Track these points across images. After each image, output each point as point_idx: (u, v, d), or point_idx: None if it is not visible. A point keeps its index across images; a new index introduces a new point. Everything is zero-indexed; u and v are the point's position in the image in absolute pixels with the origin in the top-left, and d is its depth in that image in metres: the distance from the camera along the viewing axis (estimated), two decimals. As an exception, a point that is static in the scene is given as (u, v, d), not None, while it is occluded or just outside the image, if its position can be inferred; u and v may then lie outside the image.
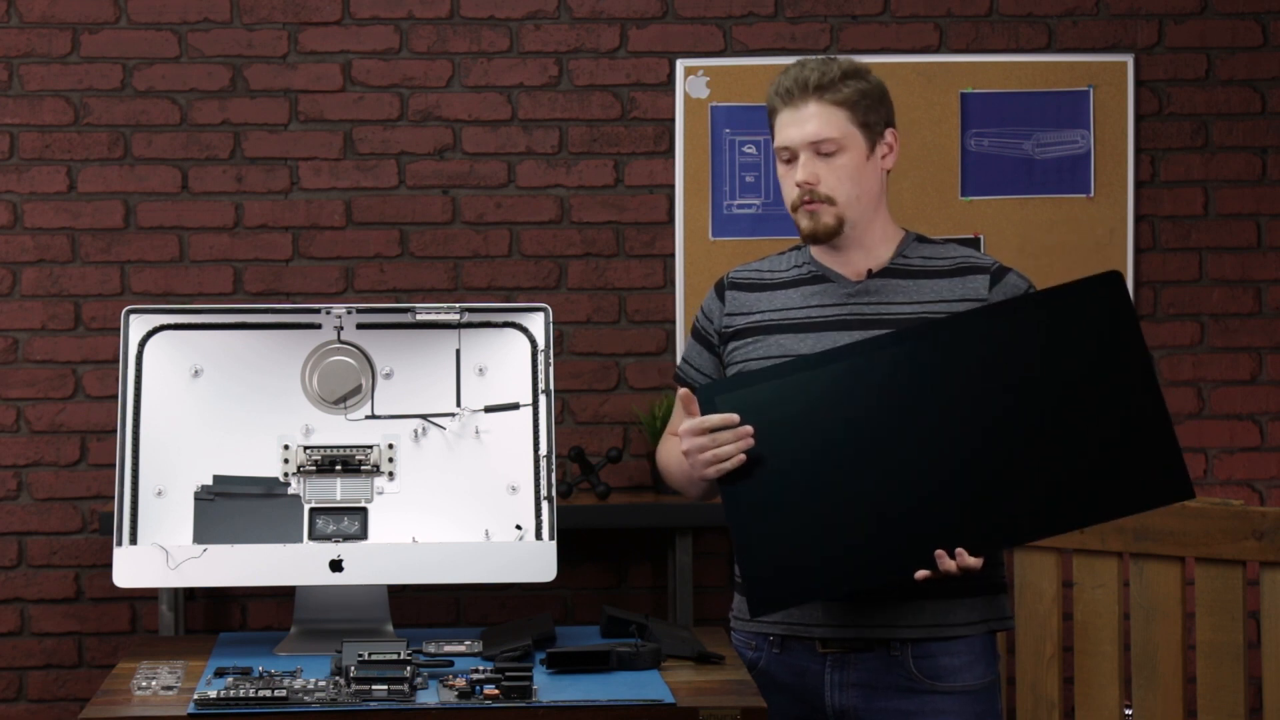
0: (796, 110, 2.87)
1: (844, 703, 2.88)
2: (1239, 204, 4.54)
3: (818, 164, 2.86)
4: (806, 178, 2.86)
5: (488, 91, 4.48)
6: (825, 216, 2.88)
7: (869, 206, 2.90)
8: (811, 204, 2.87)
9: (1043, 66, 4.50)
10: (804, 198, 2.87)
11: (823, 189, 2.86)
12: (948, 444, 2.70)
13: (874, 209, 2.91)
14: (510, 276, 4.48)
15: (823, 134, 2.85)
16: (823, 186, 2.86)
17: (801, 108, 2.86)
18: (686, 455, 2.79)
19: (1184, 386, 4.52)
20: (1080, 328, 2.71)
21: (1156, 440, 2.69)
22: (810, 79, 2.86)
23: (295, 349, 3.07)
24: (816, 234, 2.89)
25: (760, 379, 2.77)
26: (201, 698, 2.59)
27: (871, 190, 2.90)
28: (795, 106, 2.87)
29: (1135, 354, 2.71)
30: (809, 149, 2.86)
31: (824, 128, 2.85)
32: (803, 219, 2.89)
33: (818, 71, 2.86)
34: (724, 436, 2.74)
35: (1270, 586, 3.57)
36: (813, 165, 2.86)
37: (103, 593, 4.44)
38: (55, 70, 4.43)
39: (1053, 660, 3.83)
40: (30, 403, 4.44)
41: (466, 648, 2.87)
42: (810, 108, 2.86)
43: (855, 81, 2.87)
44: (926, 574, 2.69)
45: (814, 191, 2.86)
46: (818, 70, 2.86)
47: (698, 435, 2.76)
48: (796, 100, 2.86)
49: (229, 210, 4.45)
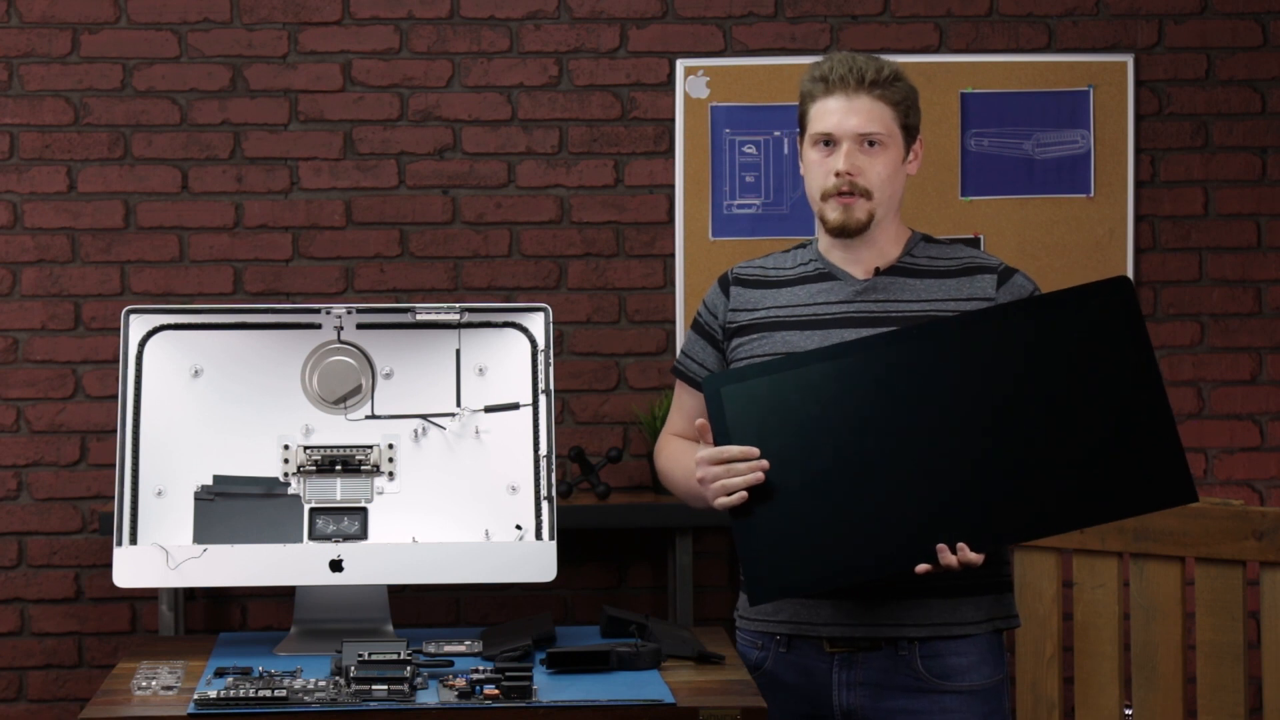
0: (849, 100, 2.86)
1: (851, 702, 2.88)
2: (1239, 204, 4.54)
3: (861, 156, 2.86)
4: (850, 168, 2.86)
5: (488, 91, 4.48)
6: (859, 211, 2.87)
7: (893, 207, 2.92)
8: (848, 196, 2.87)
9: (1043, 66, 4.50)
10: (842, 187, 2.87)
11: (862, 181, 2.86)
12: (952, 440, 2.70)
13: (895, 210, 2.93)
14: (510, 276, 4.48)
15: (874, 128, 2.86)
16: (862, 179, 2.86)
17: (854, 98, 2.86)
18: (701, 483, 2.78)
19: (1184, 386, 4.52)
20: (1088, 331, 2.72)
21: (1161, 443, 2.70)
22: (867, 72, 2.86)
23: (295, 349, 3.07)
24: (847, 226, 2.88)
25: (764, 371, 2.77)
26: (201, 698, 2.59)
27: (899, 192, 2.92)
28: (848, 96, 2.86)
29: (1142, 359, 2.71)
30: (856, 139, 2.86)
31: (875, 122, 2.86)
32: (833, 210, 2.88)
33: (873, 67, 2.87)
34: (739, 468, 2.74)
35: (1270, 586, 3.57)
36: (857, 156, 2.86)
37: (103, 593, 4.44)
38: (55, 70, 4.43)
39: (1053, 660, 3.83)
40: (30, 403, 4.43)
41: (466, 648, 2.87)
42: (864, 100, 2.86)
43: (904, 84, 2.90)
44: (927, 567, 2.69)
45: (854, 183, 2.86)
46: (873, 66, 2.87)
47: (713, 465, 2.76)
48: (851, 90, 2.86)
49: (229, 210, 4.45)
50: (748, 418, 2.76)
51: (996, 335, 2.73)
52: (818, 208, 2.91)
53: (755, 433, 2.75)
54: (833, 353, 2.76)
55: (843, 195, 2.87)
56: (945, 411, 2.72)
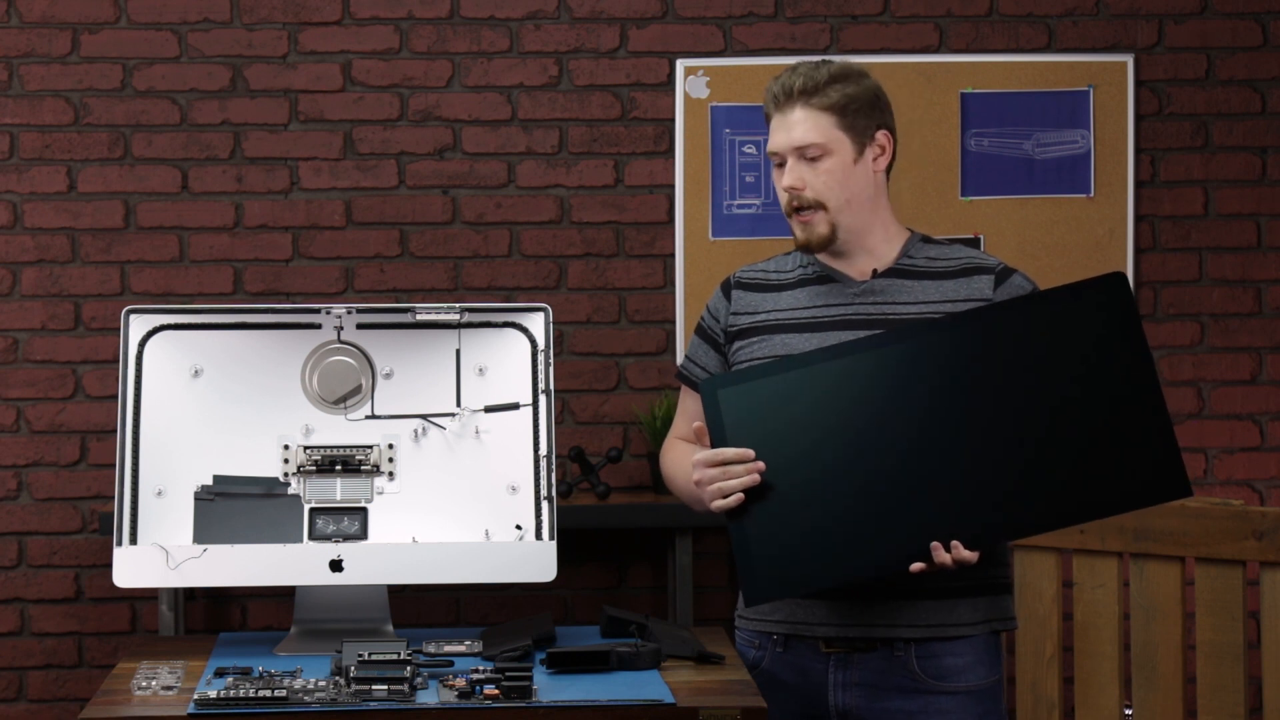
0: (784, 116, 2.90)
1: (847, 702, 2.88)
2: (1239, 204, 4.54)
3: (803, 169, 2.89)
4: (792, 182, 2.89)
5: (488, 91, 4.48)
6: (818, 226, 2.89)
7: (862, 209, 2.91)
8: (803, 213, 2.89)
9: (1043, 66, 4.50)
10: (793, 203, 2.89)
11: (809, 193, 2.88)
12: (946, 438, 2.71)
13: (870, 211, 2.92)
14: (510, 276, 4.48)
15: (807, 139, 2.87)
16: (809, 191, 2.88)
17: (788, 113, 2.89)
18: (698, 485, 2.79)
19: (1184, 386, 4.52)
20: (1082, 327, 2.72)
21: (1155, 438, 2.70)
22: (795, 84, 2.88)
23: (295, 349, 3.07)
24: (810, 244, 2.92)
25: (762, 373, 2.78)
26: (201, 698, 2.59)
27: (861, 193, 2.91)
28: (783, 112, 2.90)
29: (1137, 354, 2.71)
30: (795, 154, 2.89)
31: (808, 133, 2.87)
32: (797, 229, 2.92)
33: (803, 77, 2.89)
34: (735, 470, 2.74)
35: (1270, 586, 3.57)
36: (798, 170, 2.89)
37: (103, 593, 4.44)
38: (55, 70, 4.43)
39: (1053, 660, 3.83)
40: (30, 403, 4.44)
41: (466, 648, 2.87)
42: (796, 113, 2.88)
43: (842, 85, 2.88)
44: (922, 566, 2.69)
45: (801, 196, 2.89)
46: (804, 75, 2.89)
47: (710, 467, 2.76)
48: (783, 105, 2.90)
49: (229, 210, 4.45)
50: (745, 420, 2.76)
51: (990, 333, 2.74)
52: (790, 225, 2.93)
53: (752, 435, 2.75)
54: (828, 354, 2.77)
55: (800, 212, 2.90)
56: (939, 410, 2.72)
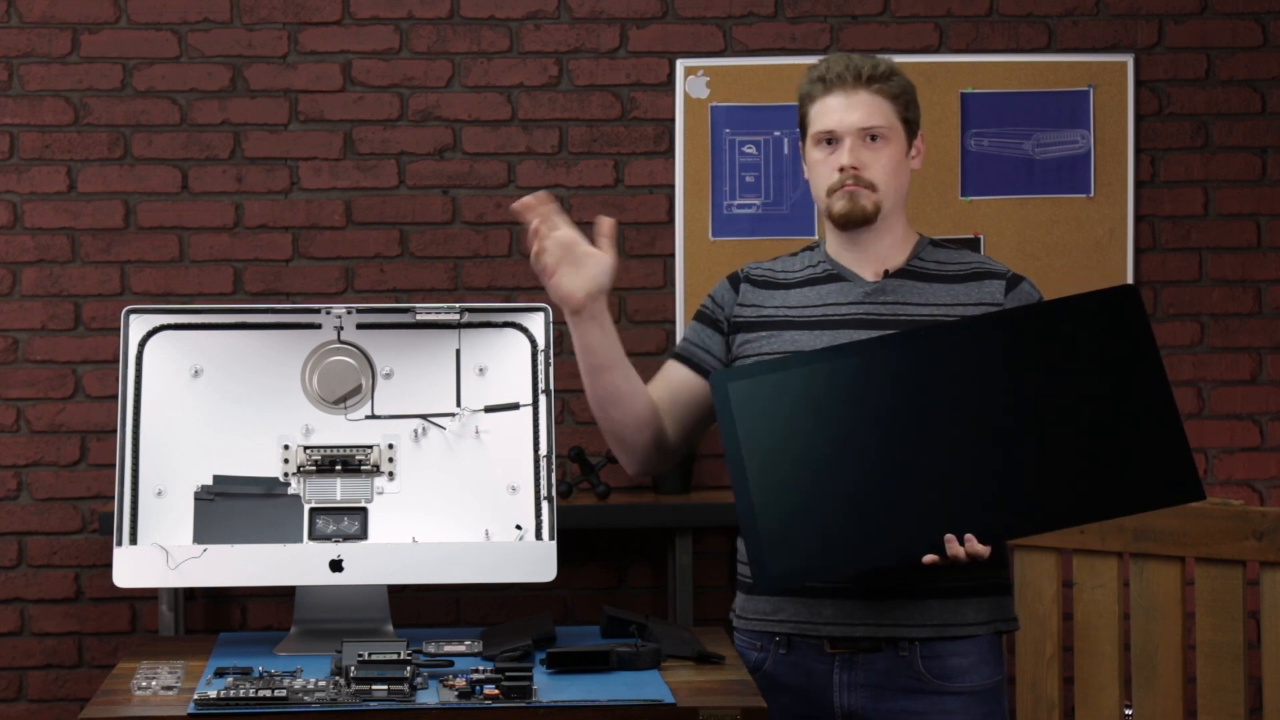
0: (848, 96, 2.88)
1: (852, 703, 2.88)
2: (1239, 204, 4.54)
3: (864, 151, 2.88)
4: (854, 161, 2.87)
5: (488, 91, 4.48)
6: (864, 200, 2.89)
7: (899, 204, 2.94)
8: (853, 186, 2.88)
9: (1043, 66, 4.50)
10: (847, 182, 2.88)
11: (868, 174, 2.88)
12: (961, 437, 2.72)
13: (900, 207, 2.94)
14: (510, 276, 4.48)
15: (874, 121, 2.88)
16: (867, 173, 2.88)
17: (853, 94, 2.88)
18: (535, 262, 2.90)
19: (1184, 386, 4.52)
20: (1096, 335, 2.74)
21: (1168, 442, 2.71)
22: (864, 68, 2.89)
23: (295, 349, 3.07)
24: (852, 216, 2.90)
25: (771, 369, 2.79)
26: (201, 698, 2.59)
27: (903, 187, 2.93)
28: (846, 92, 2.89)
29: (1149, 361, 2.73)
30: (858, 135, 2.88)
31: (874, 115, 2.88)
32: (839, 201, 2.89)
33: (869, 63, 2.90)
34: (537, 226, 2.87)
35: (1270, 586, 3.57)
36: (860, 151, 2.88)
37: (103, 593, 4.44)
38: (55, 70, 4.43)
39: (1053, 660, 3.83)
40: (30, 403, 4.43)
41: (466, 648, 2.87)
42: (862, 95, 2.88)
43: (900, 78, 2.92)
44: (934, 559, 2.69)
45: (859, 176, 2.88)
46: (869, 62, 2.90)
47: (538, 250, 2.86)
48: (849, 87, 2.89)
49: (229, 210, 4.45)
50: (755, 413, 2.76)
51: (1008, 336, 2.75)
52: (824, 204, 2.92)
53: (761, 428, 2.75)
54: (840, 352, 2.78)
55: (849, 186, 2.89)
56: (954, 410, 2.73)
